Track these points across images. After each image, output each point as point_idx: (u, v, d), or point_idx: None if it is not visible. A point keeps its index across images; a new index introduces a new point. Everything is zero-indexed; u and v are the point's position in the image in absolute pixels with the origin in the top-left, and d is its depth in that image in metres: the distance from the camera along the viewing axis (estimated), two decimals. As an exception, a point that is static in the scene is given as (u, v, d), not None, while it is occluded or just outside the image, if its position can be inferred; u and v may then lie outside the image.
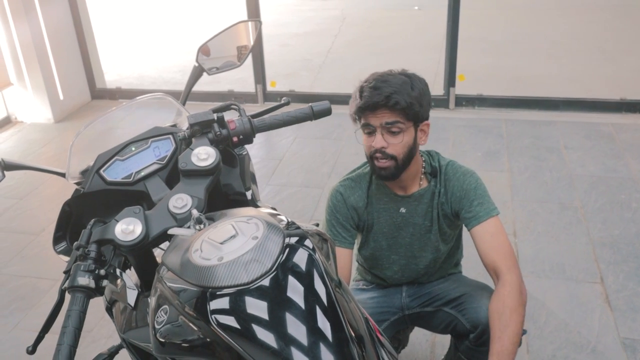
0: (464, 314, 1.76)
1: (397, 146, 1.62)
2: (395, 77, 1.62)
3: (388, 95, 1.58)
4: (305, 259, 0.95)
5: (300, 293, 0.92)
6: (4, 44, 4.45)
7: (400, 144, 1.62)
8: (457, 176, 1.72)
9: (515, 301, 1.56)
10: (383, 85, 1.59)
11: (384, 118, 1.60)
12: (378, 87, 1.59)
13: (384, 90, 1.58)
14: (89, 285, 1.08)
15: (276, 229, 0.98)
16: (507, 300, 1.57)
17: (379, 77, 1.62)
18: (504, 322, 1.54)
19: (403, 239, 1.80)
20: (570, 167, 3.58)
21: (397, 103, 1.58)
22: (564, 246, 2.86)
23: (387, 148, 1.62)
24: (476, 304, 1.72)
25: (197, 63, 1.57)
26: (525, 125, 4.18)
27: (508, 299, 1.57)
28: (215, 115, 1.34)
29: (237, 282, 0.91)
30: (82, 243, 1.13)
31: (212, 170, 1.23)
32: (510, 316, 1.54)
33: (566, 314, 2.43)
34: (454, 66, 4.41)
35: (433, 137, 4.09)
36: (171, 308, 0.98)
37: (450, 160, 1.77)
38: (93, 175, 1.34)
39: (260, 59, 4.71)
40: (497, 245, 1.64)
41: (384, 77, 1.62)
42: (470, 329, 1.72)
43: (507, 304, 1.56)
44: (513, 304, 1.56)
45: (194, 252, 0.97)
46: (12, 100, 4.69)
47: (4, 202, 3.54)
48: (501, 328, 1.53)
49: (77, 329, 1.04)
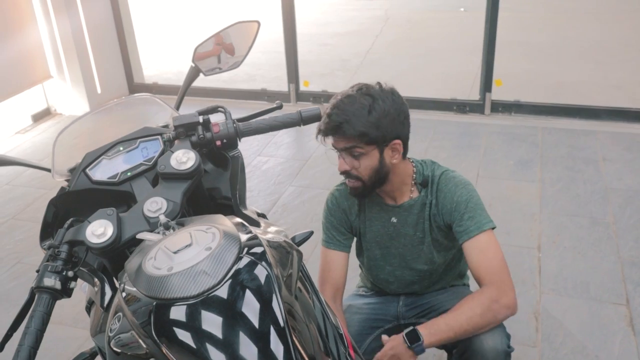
0: None
1: (360, 169, 1.60)
2: (354, 102, 1.55)
3: (337, 125, 1.54)
4: (258, 273, 0.91)
5: (250, 308, 0.88)
6: (45, 38, 4.57)
7: (363, 167, 1.59)
8: (448, 187, 1.65)
9: (478, 300, 1.54)
10: (335, 113, 1.55)
11: (342, 143, 1.58)
12: (330, 115, 1.55)
13: (333, 119, 1.55)
14: (55, 287, 1.07)
15: (233, 241, 0.94)
16: (471, 296, 1.57)
17: (337, 102, 1.57)
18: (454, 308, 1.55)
19: (396, 249, 1.76)
20: (606, 180, 3.41)
21: (345, 132, 1.54)
22: (591, 263, 2.72)
23: (352, 170, 1.60)
24: None
25: (193, 63, 1.55)
26: (563, 134, 4.02)
27: (473, 296, 1.57)
28: (200, 117, 1.32)
29: (184, 294, 0.88)
30: (55, 243, 1.12)
31: (190, 174, 1.20)
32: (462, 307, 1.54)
33: (585, 335, 2.31)
34: (491, 70, 4.28)
35: (464, 143, 4.07)
36: (124, 317, 0.95)
37: (446, 170, 1.70)
38: (79, 174, 1.33)
39: (294, 59, 4.69)
40: (485, 262, 1.58)
41: (341, 102, 1.56)
42: (455, 344, 1.65)
43: (468, 298, 1.57)
44: (473, 299, 1.55)
45: (148, 260, 0.94)
46: (52, 92, 4.81)
47: (34, 192, 3.63)
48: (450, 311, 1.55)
49: (40, 330, 1.03)
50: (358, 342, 1.75)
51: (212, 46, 1.56)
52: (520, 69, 5.17)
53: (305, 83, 4.82)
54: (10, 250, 3.10)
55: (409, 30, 7.06)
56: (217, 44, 1.56)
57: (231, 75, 5.47)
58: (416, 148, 3.84)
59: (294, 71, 4.72)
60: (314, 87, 4.91)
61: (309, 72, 5.09)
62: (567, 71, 5.22)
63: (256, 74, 5.51)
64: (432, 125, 4.25)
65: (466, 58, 5.46)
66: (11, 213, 3.45)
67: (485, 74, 4.29)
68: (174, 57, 6.38)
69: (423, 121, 4.27)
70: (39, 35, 4.55)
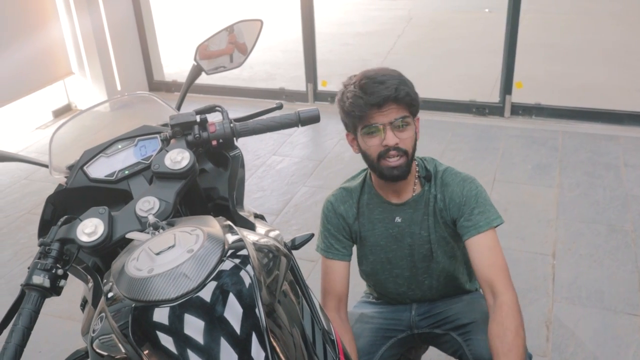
0: (468, 345, 1.64)
1: (406, 141, 1.54)
2: (389, 71, 1.54)
3: (397, 87, 1.49)
4: (240, 277, 0.89)
5: (229, 313, 0.86)
6: (67, 35, 4.63)
7: (410, 138, 1.55)
8: (456, 181, 1.61)
9: (515, 323, 1.45)
10: (387, 79, 1.50)
11: (392, 114, 1.51)
12: (382, 82, 1.49)
13: (390, 83, 1.49)
14: (43, 285, 1.06)
15: (216, 243, 0.92)
16: (506, 323, 1.45)
17: (375, 72, 1.53)
18: (507, 346, 1.42)
19: (402, 251, 1.70)
20: (627, 187, 3.33)
21: (407, 94, 1.50)
22: (607, 272, 2.65)
23: (399, 143, 1.53)
24: (481, 336, 1.60)
25: (195, 62, 1.54)
26: (584, 138, 3.93)
27: (507, 321, 1.45)
28: (197, 117, 1.31)
29: (163, 296, 0.86)
30: (47, 241, 1.12)
31: (184, 174, 1.19)
32: (513, 340, 1.43)
33: (597, 346, 2.25)
34: (512, 72, 4.21)
35: (482, 146, 4.00)
36: (106, 318, 0.94)
37: (449, 167, 1.66)
38: (77, 171, 1.33)
39: (312, 58, 4.67)
40: (494, 260, 1.53)
41: (380, 71, 1.53)
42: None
43: (507, 326, 1.45)
44: (513, 326, 1.45)
45: (131, 261, 0.93)
46: (73, 89, 4.87)
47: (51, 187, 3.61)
48: (504, 352, 1.42)
49: (27, 328, 1.02)
50: (371, 352, 1.71)
51: (214, 45, 1.54)
52: (542, 71, 5.08)
53: (323, 83, 4.80)
54: (25, 244, 3.14)
55: (431, 31, 6.99)
56: (219, 42, 1.54)
57: (251, 74, 5.50)
58: (433, 150, 3.79)
59: (312, 71, 4.71)
60: (332, 87, 4.89)
61: (329, 71, 5.06)
62: (590, 74, 5.11)
63: (276, 73, 5.50)
64: (450, 127, 4.20)
65: (488, 59, 5.38)
66: (27, 207, 3.49)
67: (505, 76, 4.22)
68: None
69: (441, 123, 4.22)
70: (61, 32, 4.61)
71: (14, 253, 3.07)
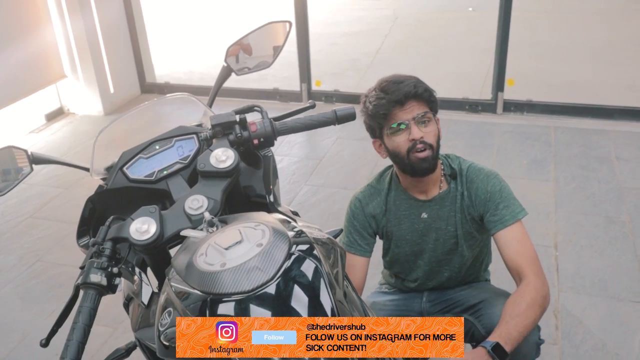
0: (479, 320, 1.71)
1: (430, 134, 1.64)
2: (405, 74, 1.67)
3: (415, 84, 1.61)
4: (309, 269, 0.93)
5: (301, 303, 0.90)
6: (60, 38, 4.60)
7: (433, 133, 1.64)
8: (480, 178, 1.68)
9: (534, 299, 1.50)
10: (405, 79, 1.63)
11: (414, 111, 1.61)
12: (401, 81, 1.62)
13: (408, 82, 1.61)
14: (101, 283, 1.08)
15: (282, 237, 0.96)
16: (525, 295, 1.51)
17: (392, 76, 1.66)
18: (516, 312, 1.48)
19: (427, 245, 1.77)
20: (620, 179, 3.43)
21: (425, 90, 1.62)
22: (608, 262, 2.74)
23: (424, 137, 1.63)
24: (492, 310, 1.66)
25: (225, 63, 1.57)
26: (576, 133, 4.03)
27: (527, 295, 1.51)
28: (237, 116, 1.34)
29: (238, 289, 0.90)
30: (98, 240, 1.14)
31: (230, 172, 1.22)
32: (525, 310, 1.48)
33: (605, 333, 2.33)
34: (503, 70, 4.29)
35: (477, 142, 4.08)
36: (175, 311, 0.97)
37: (472, 163, 1.74)
38: (116, 172, 1.35)
39: (306, 58, 4.71)
40: (523, 250, 1.59)
41: (396, 75, 1.67)
42: (484, 335, 1.66)
43: (524, 298, 1.51)
44: (531, 300, 1.50)
45: (199, 257, 0.96)
46: (66, 92, 4.84)
47: (50, 191, 3.66)
48: (511, 314, 1.48)
49: (87, 325, 1.05)
50: None
51: (244, 46, 1.57)
52: (532, 69, 5.18)
53: (317, 83, 4.84)
54: (29, 248, 3.13)
55: (417, 30, 7.07)
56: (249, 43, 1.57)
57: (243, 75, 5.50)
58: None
59: (306, 71, 4.74)
60: (326, 87, 4.93)
61: (319, 71, 5.10)
62: (579, 71, 5.23)
63: (267, 74, 5.44)
64: (444, 124, 4.20)
65: (475, 58, 5.47)
66: (29, 212, 3.47)
67: (497, 73, 4.30)
68: (184, 56, 6.41)
69: (435, 120, 4.28)
70: (53, 35, 4.58)
71: (19, 257, 3.05)
